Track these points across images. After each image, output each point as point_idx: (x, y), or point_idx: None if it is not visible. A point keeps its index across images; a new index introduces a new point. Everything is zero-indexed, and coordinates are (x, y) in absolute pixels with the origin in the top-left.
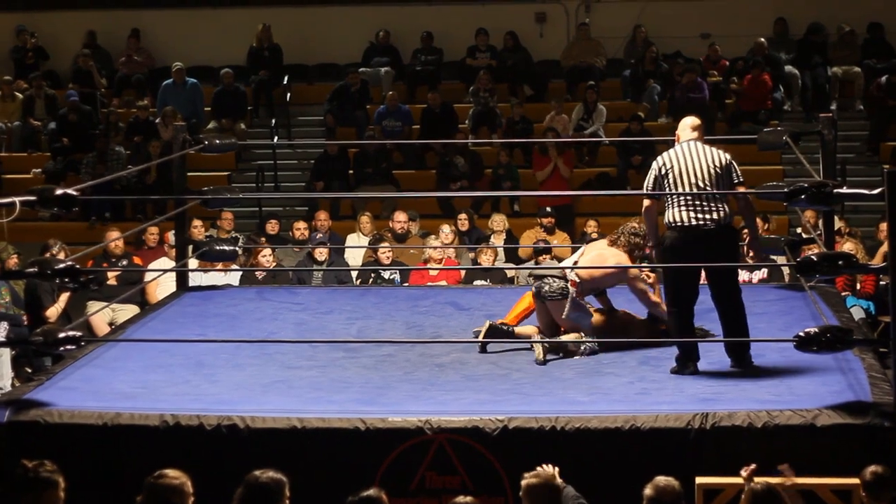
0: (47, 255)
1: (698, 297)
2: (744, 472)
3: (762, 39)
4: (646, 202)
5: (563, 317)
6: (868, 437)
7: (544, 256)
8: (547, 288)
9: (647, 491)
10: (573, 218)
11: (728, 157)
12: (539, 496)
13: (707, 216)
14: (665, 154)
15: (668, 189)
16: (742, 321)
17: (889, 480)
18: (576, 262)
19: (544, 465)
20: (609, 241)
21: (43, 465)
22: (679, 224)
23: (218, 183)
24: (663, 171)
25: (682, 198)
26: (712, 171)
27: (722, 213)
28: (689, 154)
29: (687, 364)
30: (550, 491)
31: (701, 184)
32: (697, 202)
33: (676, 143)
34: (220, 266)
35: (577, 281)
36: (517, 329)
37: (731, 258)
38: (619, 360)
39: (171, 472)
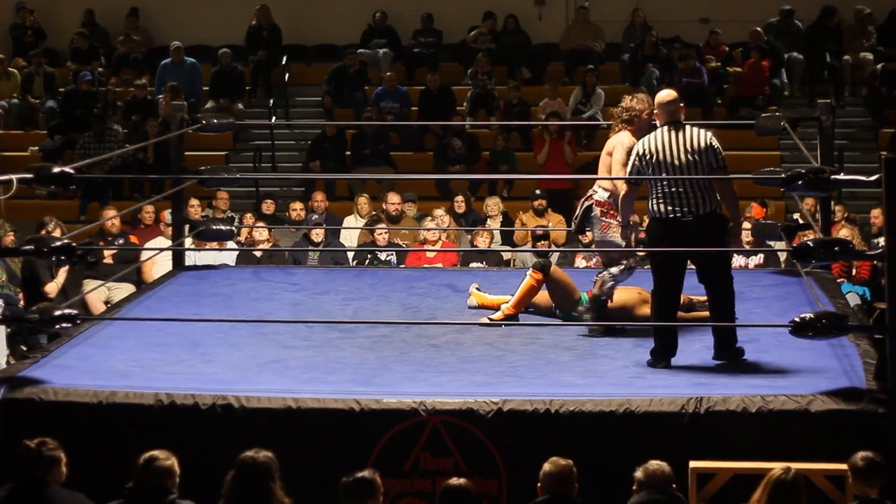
0: (43, 232)
1: (682, 287)
2: None
3: (759, 28)
4: (624, 187)
5: (597, 237)
6: (862, 423)
7: (543, 242)
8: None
9: (638, 474)
10: (572, 202)
11: (710, 140)
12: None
13: (686, 207)
14: (645, 141)
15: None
16: (729, 311)
17: (880, 466)
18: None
19: None
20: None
21: (45, 444)
22: (659, 216)
23: (215, 162)
24: (644, 161)
25: (660, 188)
26: (692, 157)
27: (702, 203)
28: (670, 141)
29: (660, 358)
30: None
31: (681, 173)
32: (676, 193)
33: (658, 124)
34: (215, 245)
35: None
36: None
37: (715, 246)
38: (615, 343)
39: (160, 454)
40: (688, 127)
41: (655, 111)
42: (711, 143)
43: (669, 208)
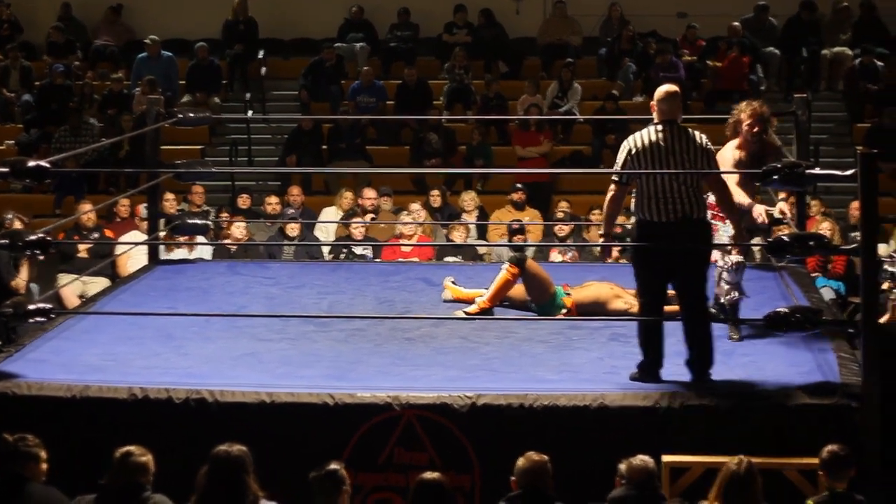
0: (6, 226)
1: (667, 294)
2: None
3: (737, 23)
4: (612, 187)
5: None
6: (836, 417)
7: (519, 237)
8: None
9: (622, 467)
10: (550, 196)
11: (706, 144)
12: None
13: (674, 212)
14: (637, 137)
15: (637, 178)
16: (706, 333)
17: (847, 459)
18: None
19: None
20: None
21: (24, 439)
22: (644, 219)
23: (191, 156)
24: (635, 160)
25: (649, 190)
26: (686, 162)
27: (691, 208)
28: (661, 141)
29: (650, 371)
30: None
31: (673, 177)
32: (666, 195)
33: (654, 117)
34: (189, 240)
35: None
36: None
37: (699, 257)
38: (589, 337)
39: (136, 450)
40: (684, 128)
41: (653, 102)
42: (707, 147)
43: (658, 210)
